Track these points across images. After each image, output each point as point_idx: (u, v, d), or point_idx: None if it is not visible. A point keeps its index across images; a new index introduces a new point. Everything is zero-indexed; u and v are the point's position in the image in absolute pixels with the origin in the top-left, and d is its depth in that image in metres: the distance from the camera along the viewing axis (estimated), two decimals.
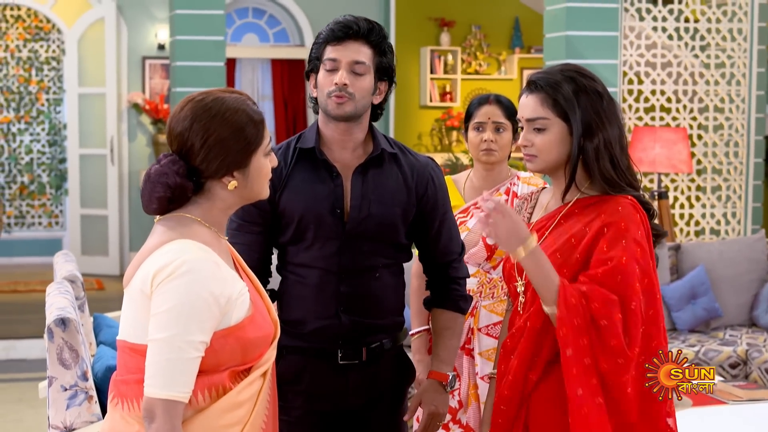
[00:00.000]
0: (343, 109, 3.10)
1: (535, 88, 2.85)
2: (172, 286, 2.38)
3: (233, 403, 2.47)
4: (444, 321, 3.36)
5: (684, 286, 6.66)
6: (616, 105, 2.86)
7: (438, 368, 3.34)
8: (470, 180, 4.17)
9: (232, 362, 2.48)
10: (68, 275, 4.48)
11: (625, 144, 2.85)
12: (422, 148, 12.18)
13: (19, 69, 12.36)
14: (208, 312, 2.39)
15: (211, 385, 2.45)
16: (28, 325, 8.55)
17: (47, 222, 12.66)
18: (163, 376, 2.36)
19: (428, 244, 3.33)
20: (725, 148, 8.20)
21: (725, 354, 6.22)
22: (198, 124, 2.48)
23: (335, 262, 3.14)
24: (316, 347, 3.18)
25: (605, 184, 2.80)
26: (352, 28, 3.13)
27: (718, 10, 8.10)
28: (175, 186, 2.47)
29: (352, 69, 3.10)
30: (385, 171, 3.20)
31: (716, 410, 4.54)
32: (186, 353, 2.36)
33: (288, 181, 3.17)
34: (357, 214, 3.13)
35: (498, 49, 12.49)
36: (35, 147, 12.53)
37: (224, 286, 2.43)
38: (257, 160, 2.54)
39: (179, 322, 2.36)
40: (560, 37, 7.22)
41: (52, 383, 3.42)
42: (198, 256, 2.42)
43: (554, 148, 2.82)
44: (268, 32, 12.14)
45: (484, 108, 4.04)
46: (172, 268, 2.39)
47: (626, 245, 2.71)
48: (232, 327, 2.45)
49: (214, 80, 7.93)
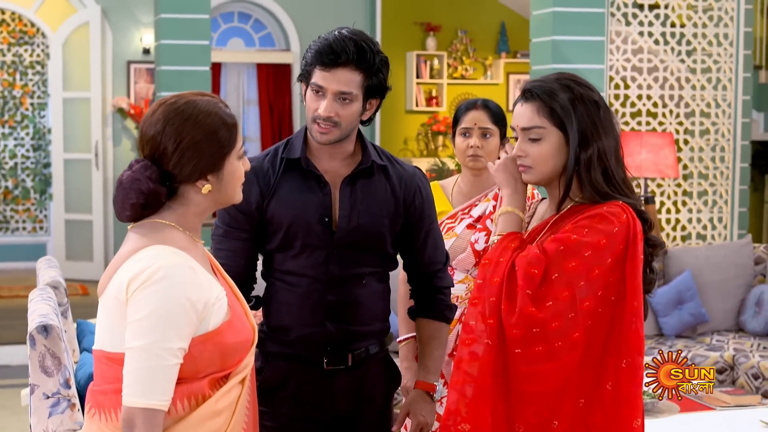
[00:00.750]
0: (326, 137, 3.06)
1: (530, 97, 2.78)
2: (148, 293, 2.34)
3: (212, 411, 2.43)
4: (430, 331, 3.35)
5: (671, 292, 6.65)
6: (612, 114, 2.80)
7: (425, 378, 3.33)
8: (458, 186, 4.14)
9: (210, 369, 2.44)
10: (51, 281, 4.44)
11: (621, 155, 2.79)
12: (408, 153, 12.16)
13: (3, 73, 12.31)
14: (186, 318, 2.36)
15: (190, 394, 2.41)
16: (12, 331, 8.50)
17: (31, 227, 12.60)
18: (142, 385, 2.32)
19: (413, 254, 3.32)
20: (711, 152, 8.19)
21: (712, 359, 6.21)
22: (171, 127, 2.44)
23: (323, 271, 3.12)
24: (301, 354, 3.16)
25: (596, 195, 2.74)
26: (340, 56, 2.99)
27: (705, 15, 8.10)
28: (148, 192, 2.44)
29: (339, 97, 3.03)
30: (374, 181, 3.17)
31: (703, 416, 4.53)
32: (164, 360, 2.33)
33: (276, 189, 3.13)
34: (346, 225, 3.11)
35: (484, 53, 12.48)
36: (19, 151, 12.48)
37: (201, 291, 2.40)
38: (231, 164, 2.51)
39: (156, 329, 2.33)
40: (547, 42, 7.21)
41: (34, 391, 3.38)
42: (173, 261, 2.39)
43: (550, 158, 2.76)
44: (254, 36, 12.12)
45: (471, 113, 4.01)
46: (147, 274, 2.35)
47: (588, 232, 2.65)
48: (210, 332, 2.42)
49: (199, 85, 7.89)
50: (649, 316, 6.57)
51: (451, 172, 10.83)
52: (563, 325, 2.63)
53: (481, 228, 3.98)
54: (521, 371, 2.66)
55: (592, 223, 2.67)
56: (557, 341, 2.63)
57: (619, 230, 2.66)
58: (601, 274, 2.65)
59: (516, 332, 2.65)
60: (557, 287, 2.64)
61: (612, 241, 2.65)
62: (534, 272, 2.65)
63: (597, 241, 2.65)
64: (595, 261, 2.64)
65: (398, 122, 12.19)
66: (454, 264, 4.02)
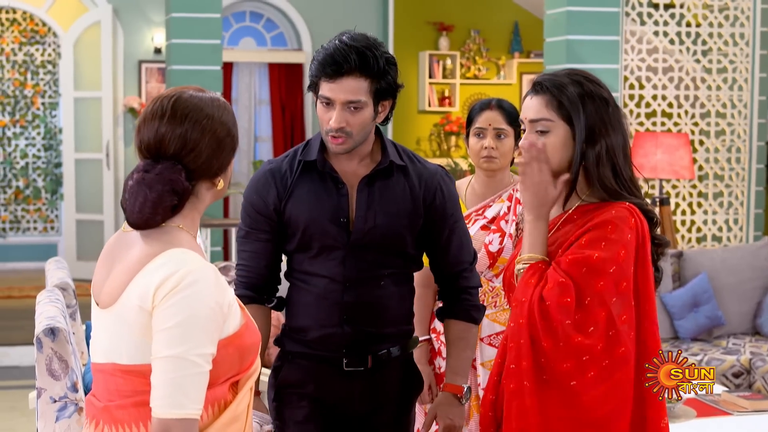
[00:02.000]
0: (341, 147, 3.06)
1: (540, 90, 2.77)
2: (179, 299, 2.24)
3: (234, 417, 2.38)
4: (457, 332, 3.33)
5: (686, 294, 6.59)
6: (621, 113, 2.79)
7: (452, 380, 3.31)
8: (471, 187, 4.10)
9: (230, 372, 2.38)
10: (59, 283, 4.40)
11: (628, 153, 2.79)
12: (420, 154, 12.10)
13: (15, 72, 12.29)
14: (215, 322, 2.29)
15: (213, 400, 2.35)
16: (22, 332, 8.47)
17: (42, 227, 12.58)
18: (177, 395, 2.23)
19: (438, 254, 3.29)
20: (727, 153, 8.13)
21: (728, 363, 6.14)
22: (198, 124, 2.37)
23: (339, 272, 3.12)
24: (320, 354, 3.16)
25: (604, 193, 2.73)
26: (343, 66, 2.98)
27: (720, 14, 8.04)
28: (183, 191, 2.36)
29: (348, 107, 3.01)
30: (392, 181, 3.16)
31: (721, 421, 4.47)
32: (199, 367, 2.25)
33: (293, 191, 3.15)
34: (362, 225, 3.11)
35: (497, 53, 12.42)
36: (30, 151, 12.47)
37: (225, 293, 2.33)
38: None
39: (192, 336, 2.24)
40: (561, 42, 7.16)
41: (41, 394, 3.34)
42: (199, 265, 2.30)
43: (556, 151, 2.74)
44: (266, 36, 12.07)
45: (486, 114, 3.96)
46: (176, 279, 2.25)
47: (606, 246, 2.63)
48: (232, 335, 2.35)
49: (210, 84, 7.86)
50: (665, 319, 6.51)
51: (464, 172, 10.78)
52: (606, 344, 2.63)
53: (495, 229, 3.94)
54: (584, 400, 2.64)
55: (605, 234, 2.65)
56: (604, 361, 2.63)
57: (632, 237, 2.67)
58: (629, 285, 2.66)
59: (567, 366, 2.63)
60: (593, 310, 2.63)
61: (629, 250, 2.66)
62: (567, 301, 2.62)
63: (617, 254, 2.64)
64: (620, 275, 2.64)
65: (411, 122, 12.14)
66: None
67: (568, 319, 2.61)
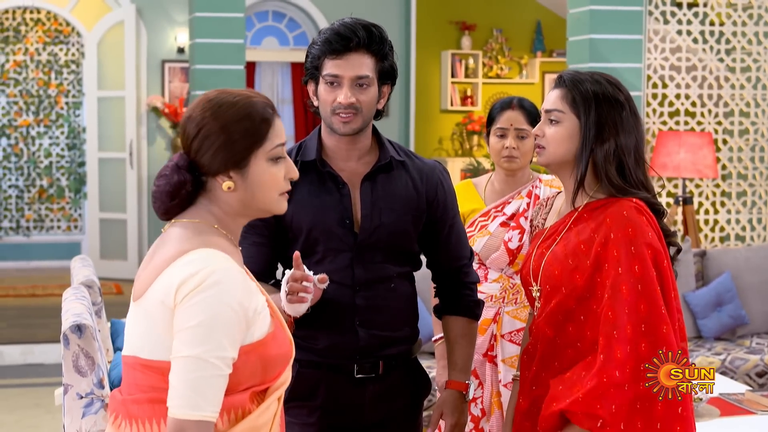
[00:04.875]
0: (350, 126, 3.00)
1: (559, 83, 2.89)
2: (201, 299, 2.22)
3: (252, 427, 2.33)
4: (459, 329, 3.28)
5: (710, 293, 6.57)
6: (638, 119, 2.86)
7: (456, 378, 3.27)
8: (491, 183, 4.10)
9: (252, 381, 2.34)
10: (85, 280, 4.42)
11: (641, 156, 2.84)
12: (443, 153, 12.11)
13: (39, 72, 12.36)
14: (238, 325, 2.25)
15: (231, 407, 2.31)
16: (46, 330, 8.52)
17: (66, 226, 12.65)
18: (195, 396, 2.21)
19: (439, 250, 3.24)
20: (751, 153, 8.10)
21: (752, 362, 6.12)
22: (197, 113, 2.37)
23: (349, 275, 3.04)
24: (331, 362, 3.08)
25: (611, 187, 2.80)
26: (351, 39, 2.95)
27: (744, 13, 8.01)
28: (177, 181, 2.36)
29: (356, 83, 2.97)
30: (394, 178, 3.11)
31: (744, 420, 4.45)
32: (218, 370, 2.22)
33: (294, 194, 2.98)
34: (368, 224, 3.05)
35: (519, 52, 12.41)
36: (54, 150, 12.53)
37: (251, 297, 2.30)
38: (258, 164, 2.38)
39: (212, 337, 2.21)
40: (584, 41, 7.14)
41: (68, 391, 3.35)
42: (225, 265, 2.28)
43: (563, 142, 2.83)
44: (288, 36, 12.10)
45: (507, 113, 3.96)
46: (199, 278, 2.23)
47: (636, 252, 2.70)
48: (255, 343, 2.31)
49: (233, 83, 7.87)
50: (688, 318, 6.49)
51: (486, 171, 10.77)
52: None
53: (514, 226, 3.95)
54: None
55: (630, 237, 2.71)
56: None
57: (652, 234, 2.74)
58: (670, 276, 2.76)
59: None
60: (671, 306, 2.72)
61: (655, 247, 2.73)
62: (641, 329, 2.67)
63: (646, 270, 2.70)
64: (661, 275, 2.72)
65: (433, 122, 12.14)
66: (488, 263, 3.99)
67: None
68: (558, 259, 2.81)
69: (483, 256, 3.98)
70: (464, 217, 3.99)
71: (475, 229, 3.99)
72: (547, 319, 2.82)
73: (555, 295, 2.81)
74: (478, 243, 3.96)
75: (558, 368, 2.80)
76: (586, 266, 2.75)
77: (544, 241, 2.89)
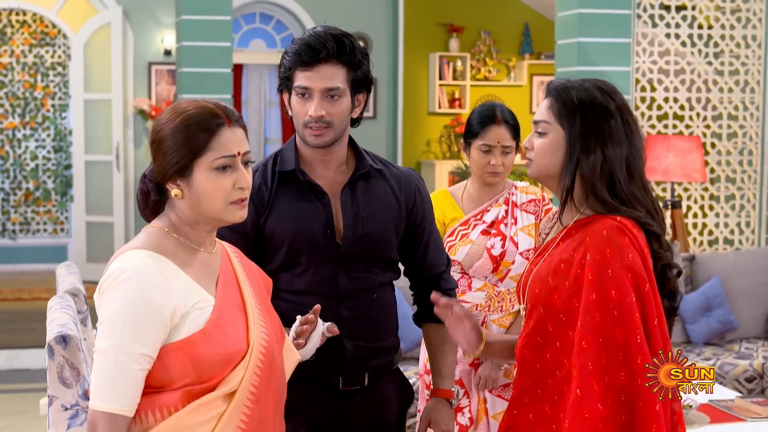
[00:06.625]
0: (321, 140, 2.96)
1: (548, 93, 2.76)
2: (112, 295, 2.33)
3: (179, 426, 2.33)
4: (440, 336, 3.25)
5: (698, 298, 6.56)
6: (632, 130, 2.68)
7: (442, 385, 3.26)
8: (467, 192, 4.11)
9: (184, 380, 2.35)
10: (70, 288, 4.38)
11: (634, 169, 2.67)
12: (430, 155, 12.10)
13: (25, 74, 12.30)
14: (148, 323, 2.31)
15: (162, 405, 2.34)
16: (32, 334, 8.47)
17: (52, 229, 12.59)
18: (103, 388, 2.30)
19: (417, 257, 3.23)
20: (739, 156, 8.10)
21: (741, 368, 6.11)
22: (157, 121, 2.47)
23: (333, 286, 3.02)
24: (316, 375, 3.04)
25: (597, 203, 2.64)
26: (321, 51, 2.91)
27: (732, 16, 8.01)
28: (142, 189, 2.51)
29: (327, 95, 2.94)
30: (373, 186, 3.09)
31: (734, 428, 4.44)
32: (123, 365, 2.29)
33: (273, 205, 3.01)
34: (351, 234, 3.02)
35: (507, 55, 12.40)
36: (40, 153, 12.47)
37: (169, 295, 2.34)
38: (200, 172, 2.41)
39: (115, 332, 2.30)
40: (572, 44, 7.13)
41: (53, 402, 3.33)
42: (141, 263, 2.35)
43: (548, 153, 2.70)
44: (276, 38, 12.07)
45: (493, 130, 3.95)
46: (112, 277, 2.35)
47: (613, 275, 2.52)
48: (181, 341, 2.35)
49: (220, 86, 7.84)
50: (677, 323, 6.48)
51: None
52: None
53: (495, 233, 3.96)
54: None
55: (608, 259, 2.54)
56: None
57: (633, 256, 2.56)
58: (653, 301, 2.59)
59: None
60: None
61: (636, 270, 2.56)
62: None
63: (624, 296, 2.53)
64: (642, 301, 2.56)
65: (421, 124, 12.12)
66: (471, 272, 3.98)
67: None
68: (540, 277, 2.68)
69: (466, 265, 3.97)
70: (444, 226, 4.00)
71: (455, 238, 3.99)
72: (526, 340, 2.71)
73: (533, 314, 2.69)
74: (460, 252, 3.96)
75: (540, 396, 2.68)
76: (565, 287, 2.61)
77: (537, 256, 2.77)
